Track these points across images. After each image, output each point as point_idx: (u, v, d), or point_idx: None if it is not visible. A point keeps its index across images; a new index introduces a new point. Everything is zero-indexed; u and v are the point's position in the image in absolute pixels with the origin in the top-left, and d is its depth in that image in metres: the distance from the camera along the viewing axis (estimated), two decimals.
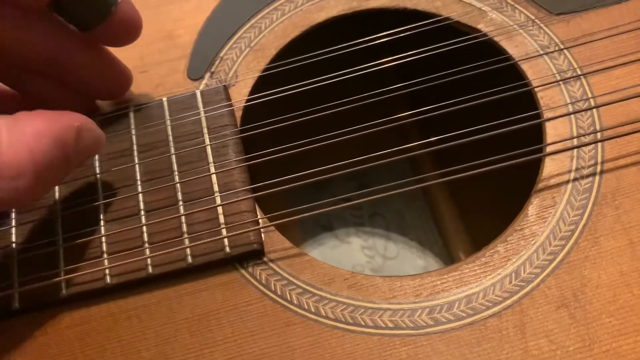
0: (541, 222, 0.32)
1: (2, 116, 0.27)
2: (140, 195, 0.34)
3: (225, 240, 0.32)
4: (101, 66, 0.35)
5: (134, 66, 0.37)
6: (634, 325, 0.29)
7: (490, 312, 0.30)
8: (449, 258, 0.48)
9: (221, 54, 0.39)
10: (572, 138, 0.34)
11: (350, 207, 0.51)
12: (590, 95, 0.35)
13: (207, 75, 0.39)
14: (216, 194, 0.33)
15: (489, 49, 0.38)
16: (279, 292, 0.31)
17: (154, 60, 0.39)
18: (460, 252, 0.48)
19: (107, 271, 0.32)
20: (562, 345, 0.29)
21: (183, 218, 0.33)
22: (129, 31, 0.34)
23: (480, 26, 0.39)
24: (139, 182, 0.34)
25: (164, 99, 0.37)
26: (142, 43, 0.35)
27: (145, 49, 0.39)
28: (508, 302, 0.30)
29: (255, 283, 0.32)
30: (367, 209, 0.51)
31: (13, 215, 0.34)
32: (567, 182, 0.33)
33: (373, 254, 0.50)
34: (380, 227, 0.51)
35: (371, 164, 0.33)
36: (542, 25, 0.38)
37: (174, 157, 0.35)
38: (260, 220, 0.33)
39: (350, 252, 0.50)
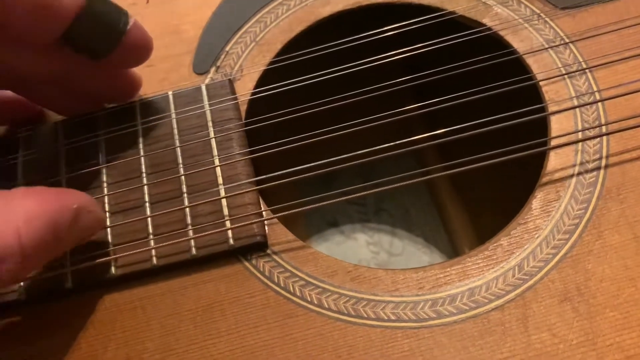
0: (545, 215, 0.32)
1: None
2: (145, 188, 0.34)
3: (229, 232, 0.32)
4: (111, 78, 0.35)
5: None
6: (637, 320, 0.29)
7: (493, 305, 0.30)
8: (454, 254, 0.48)
9: (227, 49, 0.39)
10: (576, 132, 0.34)
11: (355, 203, 0.51)
12: (595, 89, 0.35)
13: (213, 69, 0.39)
14: (220, 187, 0.33)
15: (494, 43, 0.38)
16: (282, 284, 0.31)
17: (159, 54, 0.39)
18: (465, 247, 0.48)
19: (112, 262, 0.32)
20: (565, 339, 0.29)
21: (187, 210, 0.33)
22: (139, 55, 0.33)
23: (485, 20, 0.39)
24: (144, 175, 0.34)
25: (170, 92, 0.37)
26: None
27: None
28: (511, 295, 0.30)
29: (259, 275, 0.32)
30: (373, 205, 0.51)
31: None
32: (572, 176, 0.33)
33: (378, 250, 0.50)
34: (385, 223, 0.51)
35: (377, 157, 0.33)
36: (547, 19, 0.38)
37: (179, 149, 0.35)
38: (264, 213, 0.33)
39: (355, 248, 0.50)
